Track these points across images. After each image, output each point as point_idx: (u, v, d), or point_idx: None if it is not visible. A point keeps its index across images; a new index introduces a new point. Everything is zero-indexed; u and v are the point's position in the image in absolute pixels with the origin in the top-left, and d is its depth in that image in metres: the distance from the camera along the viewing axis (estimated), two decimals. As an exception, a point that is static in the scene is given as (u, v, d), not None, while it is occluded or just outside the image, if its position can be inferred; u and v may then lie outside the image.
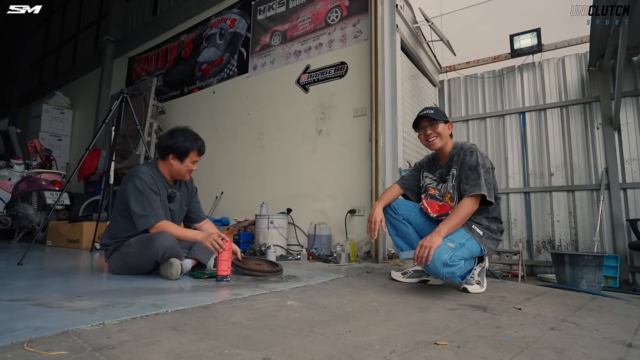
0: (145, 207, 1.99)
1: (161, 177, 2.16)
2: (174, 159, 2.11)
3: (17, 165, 5.17)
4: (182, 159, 2.11)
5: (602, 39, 3.66)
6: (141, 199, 1.99)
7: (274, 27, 4.47)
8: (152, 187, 2.04)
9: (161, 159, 2.16)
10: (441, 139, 1.97)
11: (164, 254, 1.92)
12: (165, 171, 2.18)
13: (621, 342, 1.16)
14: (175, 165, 2.13)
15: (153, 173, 2.10)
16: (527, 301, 1.74)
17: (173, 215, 2.22)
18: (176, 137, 2.11)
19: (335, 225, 3.51)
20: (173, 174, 2.18)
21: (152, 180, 2.06)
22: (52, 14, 10.23)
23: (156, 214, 2.01)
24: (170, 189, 2.20)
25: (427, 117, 1.97)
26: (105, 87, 6.89)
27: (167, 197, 2.17)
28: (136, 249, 1.98)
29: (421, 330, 1.19)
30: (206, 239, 1.98)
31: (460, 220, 1.77)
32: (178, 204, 2.26)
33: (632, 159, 3.94)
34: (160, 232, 1.96)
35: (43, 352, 0.86)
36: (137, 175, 2.03)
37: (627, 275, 3.83)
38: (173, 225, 2.07)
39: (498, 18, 5.29)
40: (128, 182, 2.04)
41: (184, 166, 2.13)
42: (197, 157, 2.16)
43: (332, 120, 3.75)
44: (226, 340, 1.01)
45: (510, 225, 4.51)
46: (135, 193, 2.00)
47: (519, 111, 4.64)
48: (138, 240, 2.00)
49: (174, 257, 1.97)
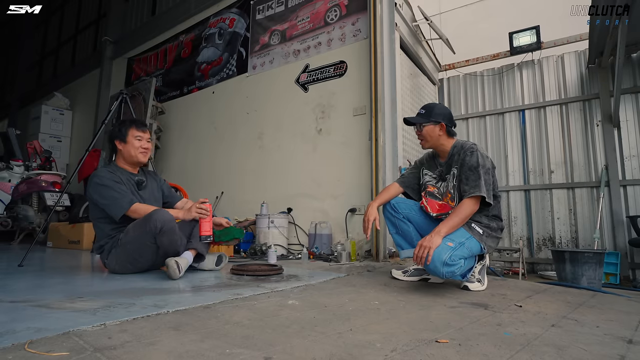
0: (113, 196, 2.04)
1: (123, 171, 2.21)
2: (120, 143, 2.21)
3: (17, 166, 5.16)
4: (124, 138, 2.20)
5: (601, 36, 3.65)
6: (106, 191, 2.05)
7: (273, 26, 4.46)
8: (113, 179, 2.10)
9: (116, 155, 2.26)
10: (427, 141, 2.01)
11: (162, 227, 1.91)
12: (123, 163, 2.24)
13: (622, 338, 1.16)
14: (123, 149, 2.21)
15: (111, 169, 2.17)
16: (528, 298, 1.74)
17: (150, 202, 2.22)
18: (114, 126, 2.29)
19: (335, 224, 3.51)
20: (128, 159, 2.23)
21: (111, 174, 2.12)
22: (50, 15, 10.21)
23: (127, 198, 2.06)
24: (137, 177, 2.25)
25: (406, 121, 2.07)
26: (104, 87, 6.88)
27: (136, 185, 2.21)
28: (134, 232, 1.99)
29: (422, 329, 1.19)
30: (188, 213, 2.07)
31: (460, 220, 1.78)
32: (149, 192, 2.28)
33: (632, 155, 3.94)
34: (156, 209, 1.99)
35: (44, 353, 0.86)
36: (95, 175, 2.11)
37: (628, 272, 3.83)
38: (149, 206, 2.08)
39: (497, 16, 5.28)
40: (90, 186, 2.10)
41: (131, 145, 2.20)
42: (138, 132, 2.23)
43: (332, 119, 3.75)
44: (227, 340, 1.02)
45: (510, 222, 4.51)
46: (98, 190, 2.06)
47: (519, 109, 4.64)
48: (134, 224, 2.02)
49: (171, 230, 1.95)
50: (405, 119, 2.07)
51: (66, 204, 4.79)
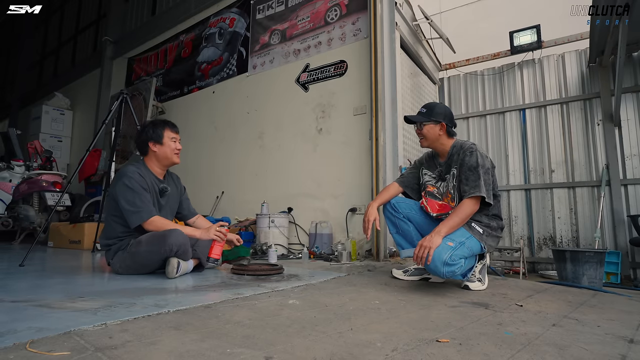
0: (136, 204, 2.03)
1: (150, 175, 2.20)
2: (155, 144, 2.19)
3: (17, 166, 5.17)
4: (160, 140, 2.19)
5: (601, 35, 3.65)
6: (132, 197, 2.04)
7: (273, 26, 4.46)
8: (142, 184, 2.09)
9: (146, 156, 2.23)
10: (427, 140, 2.02)
11: (177, 250, 1.97)
12: (154, 165, 2.23)
13: (623, 337, 1.16)
14: (159, 151, 2.20)
15: (141, 171, 2.15)
16: (529, 298, 1.74)
17: (165, 210, 2.24)
18: (146, 128, 2.24)
19: (336, 224, 3.51)
20: (162, 160, 2.22)
21: (141, 177, 2.11)
22: (50, 15, 10.22)
23: (148, 209, 2.05)
24: (162, 184, 2.24)
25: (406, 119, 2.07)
26: (105, 87, 6.88)
27: (159, 192, 2.21)
28: (147, 248, 2.00)
29: (423, 328, 1.19)
30: (206, 234, 2.08)
31: (460, 220, 1.78)
32: (169, 200, 2.29)
33: (633, 154, 3.94)
34: (172, 229, 2.00)
35: (46, 353, 0.86)
36: (125, 174, 2.08)
37: (629, 271, 3.83)
38: (167, 221, 2.10)
39: (497, 15, 5.28)
40: (117, 182, 2.08)
41: (167, 147, 2.20)
42: (173, 134, 2.24)
43: (332, 118, 3.74)
44: (228, 339, 1.02)
45: (511, 222, 4.51)
46: (125, 191, 2.04)
47: (519, 108, 4.64)
48: (149, 238, 2.01)
49: (185, 253, 2.02)
50: (406, 117, 2.07)
51: (67, 204, 4.80)
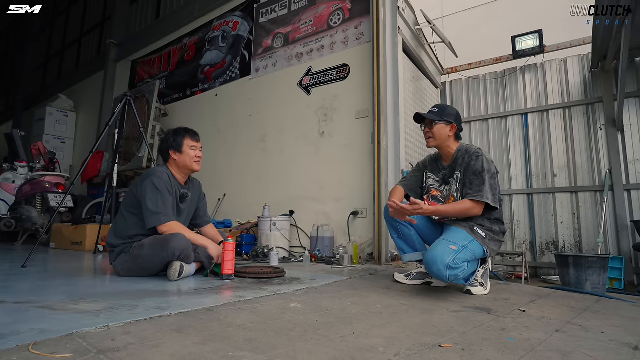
0: (158, 205, 2.06)
1: (174, 179, 2.25)
2: (175, 153, 2.24)
3: (21, 168, 5.19)
4: (179, 149, 2.23)
5: (604, 39, 3.64)
6: (156, 197, 2.07)
7: (276, 29, 4.48)
8: (168, 186, 2.14)
9: (167, 162, 2.28)
10: (435, 140, 2.00)
11: (179, 255, 1.99)
12: (176, 172, 2.27)
13: (627, 344, 1.15)
14: (179, 159, 2.24)
15: (169, 174, 2.21)
16: (532, 303, 1.73)
17: (182, 215, 2.29)
18: (167, 136, 2.31)
19: (338, 227, 3.50)
20: (182, 168, 2.27)
21: (169, 180, 2.17)
22: (55, 18, 10.31)
23: (168, 213, 2.09)
24: (183, 189, 2.28)
25: (418, 115, 2.04)
26: (108, 90, 6.93)
27: (180, 197, 2.25)
28: (150, 251, 2.02)
29: (425, 333, 1.18)
30: (215, 250, 2.14)
31: (451, 212, 1.82)
32: (188, 205, 2.34)
33: (636, 159, 3.92)
34: (175, 233, 2.02)
35: (48, 355, 0.86)
36: (155, 174, 2.13)
37: (632, 277, 3.80)
38: (183, 227, 2.15)
39: (500, 19, 5.28)
40: (146, 180, 2.11)
41: (186, 155, 2.24)
42: (193, 142, 2.28)
43: (335, 122, 3.75)
44: (230, 342, 1.02)
45: (513, 226, 4.49)
46: (152, 190, 2.08)
47: (522, 112, 4.63)
48: (152, 242, 2.03)
49: (187, 258, 2.04)
50: (418, 114, 2.03)
51: (69, 205, 4.82)
